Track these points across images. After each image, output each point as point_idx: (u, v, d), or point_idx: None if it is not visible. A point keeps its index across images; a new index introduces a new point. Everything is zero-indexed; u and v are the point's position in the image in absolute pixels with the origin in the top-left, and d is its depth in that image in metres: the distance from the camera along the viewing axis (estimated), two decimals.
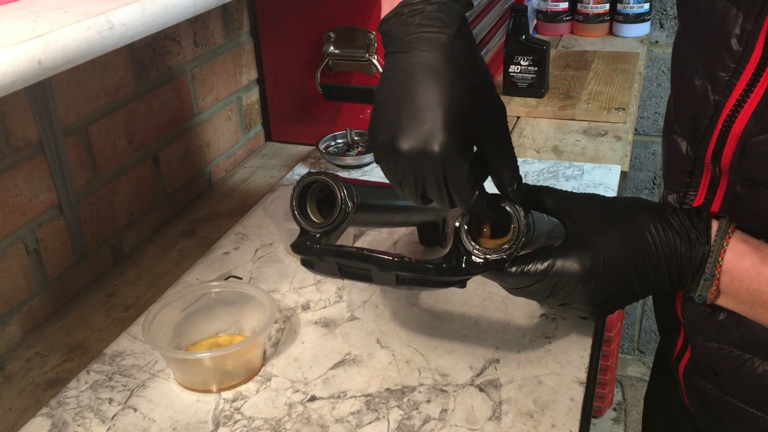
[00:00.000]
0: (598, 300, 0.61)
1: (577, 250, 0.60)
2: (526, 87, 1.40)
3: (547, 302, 0.64)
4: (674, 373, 0.74)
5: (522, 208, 0.61)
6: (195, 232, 1.05)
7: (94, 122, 0.93)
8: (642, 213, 0.61)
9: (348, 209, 0.62)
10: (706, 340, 0.65)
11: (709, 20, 0.59)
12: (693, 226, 0.59)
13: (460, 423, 0.68)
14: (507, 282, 0.62)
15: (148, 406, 0.72)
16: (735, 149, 0.57)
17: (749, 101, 0.56)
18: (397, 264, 0.61)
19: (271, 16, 1.24)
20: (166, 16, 0.60)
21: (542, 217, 0.65)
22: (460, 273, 0.62)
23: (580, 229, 0.62)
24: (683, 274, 0.59)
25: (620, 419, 2.15)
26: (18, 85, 0.48)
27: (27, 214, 0.84)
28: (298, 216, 0.64)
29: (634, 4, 1.77)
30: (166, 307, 0.77)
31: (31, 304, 0.86)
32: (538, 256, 0.60)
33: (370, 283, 0.64)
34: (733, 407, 0.65)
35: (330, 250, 0.62)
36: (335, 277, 0.64)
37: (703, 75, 0.61)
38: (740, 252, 0.58)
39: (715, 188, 0.62)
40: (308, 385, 0.74)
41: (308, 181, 0.64)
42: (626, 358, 2.31)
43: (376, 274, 0.62)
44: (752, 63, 0.55)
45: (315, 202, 0.66)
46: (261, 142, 1.35)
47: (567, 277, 0.59)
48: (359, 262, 0.62)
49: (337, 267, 0.63)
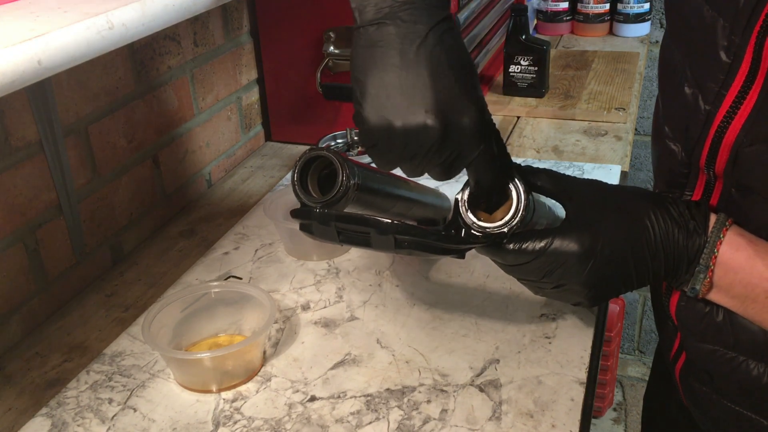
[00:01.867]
0: (593, 282, 0.60)
1: (576, 230, 0.60)
2: (526, 87, 1.40)
3: (542, 285, 0.63)
4: (671, 375, 0.74)
5: (523, 184, 0.61)
6: (195, 232, 1.05)
7: (93, 122, 0.93)
8: (642, 200, 0.61)
9: (349, 186, 0.62)
10: (700, 342, 0.64)
11: (697, 30, 0.59)
12: (692, 217, 0.59)
13: (460, 423, 0.68)
14: (504, 258, 0.62)
15: (147, 406, 0.72)
16: (728, 157, 0.58)
17: (740, 112, 0.56)
18: (396, 227, 0.61)
19: (271, 16, 1.24)
20: (165, 16, 0.60)
21: (545, 205, 0.66)
22: (459, 242, 0.62)
23: (580, 210, 0.62)
24: (679, 263, 0.60)
25: (620, 419, 2.15)
26: (18, 84, 0.48)
27: (27, 214, 0.84)
28: (299, 190, 0.64)
29: (634, 4, 1.77)
30: (166, 307, 0.77)
31: (31, 304, 0.86)
32: (537, 234, 0.60)
33: (369, 249, 0.64)
34: (729, 410, 0.65)
35: (330, 214, 0.63)
36: (334, 242, 0.64)
37: (692, 83, 0.61)
38: (735, 244, 0.58)
39: (711, 190, 0.62)
40: (308, 385, 0.73)
41: (310, 156, 0.64)
42: (626, 358, 2.31)
43: (375, 238, 0.62)
44: (741, 75, 0.55)
45: (317, 179, 0.66)
46: (261, 142, 1.35)
47: (564, 256, 0.59)
48: (358, 225, 0.62)
49: (336, 231, 0.63)
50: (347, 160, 0.63)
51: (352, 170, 0.62)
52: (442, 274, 0.90)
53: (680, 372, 0.71)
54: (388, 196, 0.69)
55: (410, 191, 0.73)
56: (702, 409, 0.70)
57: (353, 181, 0.62)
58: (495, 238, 0.61)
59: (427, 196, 0.77)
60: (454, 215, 0.63)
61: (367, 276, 0.91)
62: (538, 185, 0.64)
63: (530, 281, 0.64)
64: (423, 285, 0.88)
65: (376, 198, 0.67)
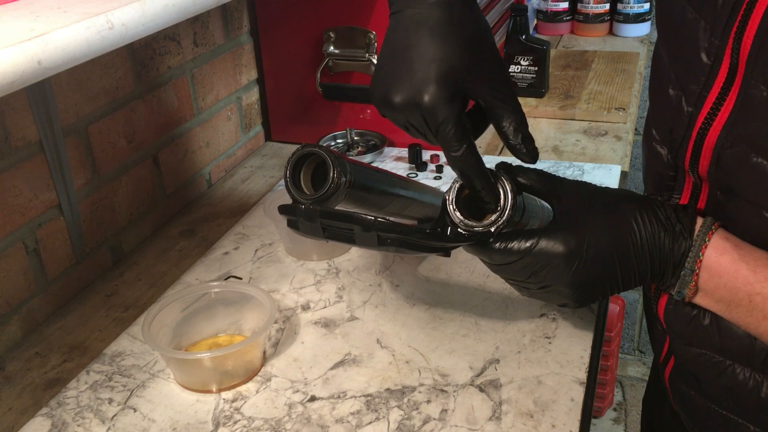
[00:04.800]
0: (579, 283, 0.60)
1: (562, 231, 0.60)
2: (527, 87, 1.40)
3: (528, 285, 0.63)
4: (662, 379, 0.74)
5: (511, 184, 0.61)
6: (195, 232, 1.05)
7: (93, 122, 0.93)
8: (629, 202, 0.61)
9: (340, 183, 0.63)
10: (688, 345, 0.64)
11: (680, 31, 0.59)
12: (678, 220, 0.60)
13: (460, 423, 0.68)
14: (491, 258, 0.62)
15: (147, 406, 0.72)
16: (711, 159, 0.58)
17: (720, 114, 0.56)
18: (379, 224, 0.61)
19: (271, 16, 1.24)
20: (165, 16, 0.60)
21: (537, 205, 0.66)
22: (444, 240, 0.62)
23: (567, 211, 0.62)
24: (665, 266, 0.60)
25: (620, 419, 2.15)
26: (18, 85, 0.48)
27: (27, 214, 0.84)
28: (290, 187, 0.64)
29: (634, 4, 1.77)
30: (166, 307, 0.77)
31: (31, 304, 0.86)
32: (523, 234, 0.61)
33: (353, 245, 0.64)
34: (716, 414, 0.65)
35: (315, 210, 0.63)
36: (319, 239, 0.65)
37: (676, 85, 0.61)
38: (721, 248, 0.58)
39: (698, 194, 0.62)
40: (308, 385, 0.74)
41: (302, 153, 0.64)
42: (626, 358, 2.31)
43: (359, 235, 0.62)
44: (721, 76, 0.55)
45: (310, 176, 0.67)
46: (261, 142, 1.35)
47: (550, 257, 0.59)
48: (342, 222, 0.62)
49: (321, 228, 0.63)
50: (339, 157, 0.63)
51: (343, 167, 0.62)
52: (442, 274, 0.90)
53: (670, 376, 0.71)
54: (383, 194, 0.69)
55: (407, 190, 0.73)
56: (690, 412, 0.70)
57: (345, 178, 0.62)
58: (481, 237, 0.61)
59: (425, 194, 0.77)
60: (441, 213, 0.63)
61: (367, 276, 0.91)
62: (527, 185, 0.65)
63: (516, 281, 0.65)
64: (423, 285, 0.88)
65: (369, 195, 0.67)
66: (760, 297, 0.56)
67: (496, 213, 0.61)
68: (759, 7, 0.51)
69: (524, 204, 0.63)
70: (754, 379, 0.60)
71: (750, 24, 0.52)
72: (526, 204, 0.64)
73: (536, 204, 0.66)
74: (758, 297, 0.56)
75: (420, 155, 1.18)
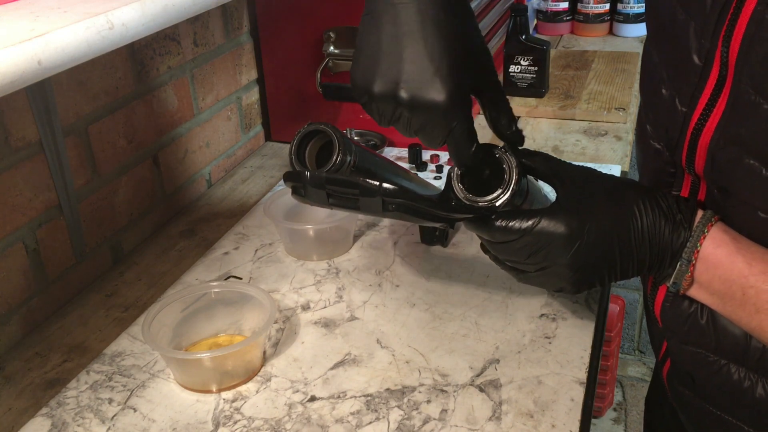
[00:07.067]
0: (578, 264, 0.61)
1: (565, 212, 0.60)
2: (526, 87, 1.40)
3: (526, 266, 0.64)
4: (661, 378, 0.74)
5: (515, 161, 0.61)
6: (195, 232, 1.05)
7: (93, 122, 0.93)
8: (633, 189, 0.62)
9: (344, 161, 0.63)
10: (684, 343, 0.64)
11: (671, 32, 0.59)
12: (679, 210, 0.60)
13: (460, 423, 0.68)
14: (492, 235, 0.62)
15: (147, 406, 0.72)
16: (706, 159, 0.58)
17: (713, 114, 0.56)
18: (384, 190, 0.61)
19: (271, 16, 1.24)
20: (165, 16, 0.60)
21: (542, 191, 0.66)
22: (447, 210, 0.62)
23: (570, 194, 0.62)
24: (663, 255, 0.60)
25: (620, 419, 2.15)
26: (18, 85, 0.48)
27: (27, 214, 0.84)
28: (295, 162, 0.64)
29: (634, 4, 1.77)
30: (165, 307, 0.77)
31: (30, 304, 0.86)
32: (525, 213, 0.61)
33: (358, 212, 0.64)
34: (710, 414, 0.65)
35: (321, 176, 0.63)
36: (324, 206, 0.65)
37: (669, 85, 0.61)
38: (718, 240, 0.58)
39: (697, 191, 0.62)
40: (308, 385, 0.73)
41: (309, 130, 0.64)
42: (626, 358, 2.31)
43: (363, 201, 0.62)
44: (712, 77, 0.56)
45: (314, 155, 0.67)
46: (261, 142, 1.35)
47: (550, 237, 0.60)
48: (347, 188, 0.63)
49: (326, 195, 0.63)
50: (345, 137, 0.63)
51: (349, 147, 0.62)
52: (442, 274, 0.90)
53: (667, 375, 0.71)
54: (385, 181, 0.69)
55: (410, 182, 0.73)
56: (686, 412, 0.70)
57: (349, 158, 0.62)
58: (484, 211, 0.61)
59: (426, 190, 0.77)
60: (446, 188, 0.63)
61: (367, 276, 0.91)
62: (532, 167, 0.65)
63: (514, 262, 0.65)
64: (423, 285, 0.88)
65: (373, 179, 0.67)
66: (753, 290, 0.56)
67: (500, 189, 0.61)
68: (744, 13, 0.51)
69: (528, 187, 0.63)
70: (748, 379, 0.60)
71: (737, 29, 0.52)
72: (530, 188, 0.64)
73: (540, 192, 0.66)
74: (752, 290, 0.56)
75: (420, 155, 1.18)
